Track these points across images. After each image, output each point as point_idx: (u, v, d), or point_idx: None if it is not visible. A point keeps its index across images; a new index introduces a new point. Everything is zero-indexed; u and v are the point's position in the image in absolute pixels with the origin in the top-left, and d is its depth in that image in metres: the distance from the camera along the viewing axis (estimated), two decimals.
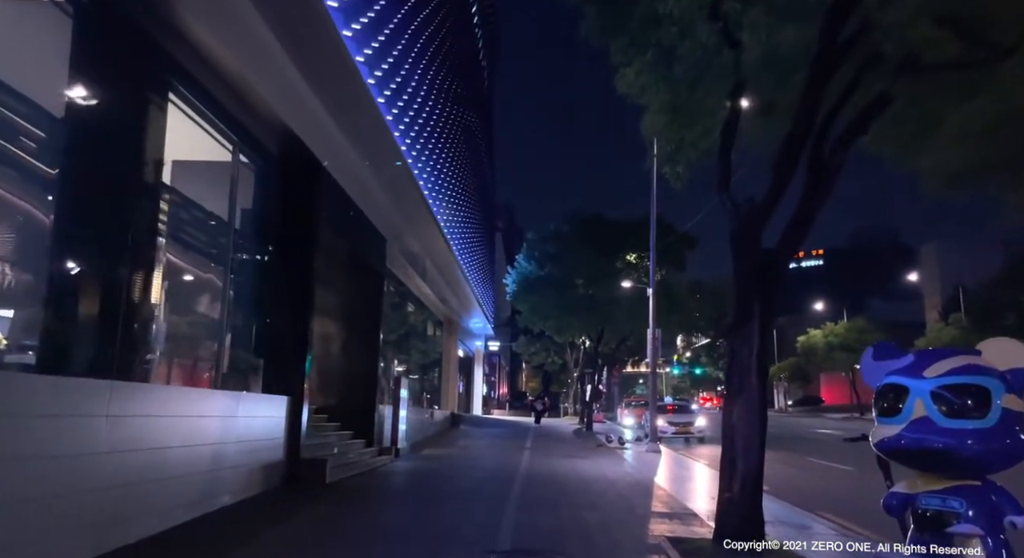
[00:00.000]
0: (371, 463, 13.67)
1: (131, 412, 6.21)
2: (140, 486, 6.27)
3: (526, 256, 31.20)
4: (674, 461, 17.77)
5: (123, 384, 6.34)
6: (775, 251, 7.01)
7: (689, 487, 12.90)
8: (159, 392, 7.07)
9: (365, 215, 14.72)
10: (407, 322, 22.46)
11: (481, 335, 44.78)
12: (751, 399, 6.89)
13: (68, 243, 6.25)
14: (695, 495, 11.28)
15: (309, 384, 15.23)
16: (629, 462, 16.64)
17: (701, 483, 13.48)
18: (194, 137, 8.93)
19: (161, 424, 6.72)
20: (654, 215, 20.22)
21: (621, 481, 12.56)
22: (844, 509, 9.55)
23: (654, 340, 20.16)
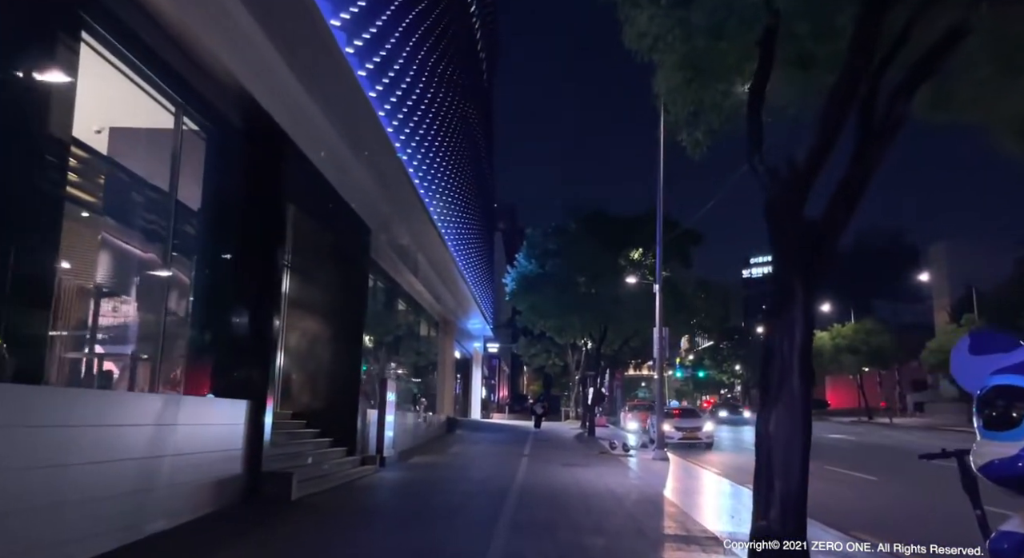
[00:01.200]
0: (350, 474, 12.36)
1: (21, 422, 4.93)
2: (28, 514, 4.98)
3: (526, 254, 29.95)
4: (684, 471, 16.43)
5: (10, 387, 5.05)
6: (821, 223, 5.70)
7: (704, 503, 11.58)
8: (60, 396, 5.76)
9: (345, 200, 13.44)
10: (398, 321, 21.16)
11: (480, 336, 43.47)
12: (792, 405, 5.57)
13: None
14: (712, 513, 9.96)
15: (277, 386, 14.02)
16: (635, 472, 15.32)
17: (717, 497, 12.16)
18: (134, 100, 7.65)
19: (64, 436, 5.42)
20: (660, 197, 18.88)
21: (628, 496, 11.23)
22: (884, 529, 8.23)
23: (661, 339, 18.85)
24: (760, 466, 5.73)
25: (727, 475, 15.22)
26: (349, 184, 13.38)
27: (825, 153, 5.74)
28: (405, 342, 21.72)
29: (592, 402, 30.03)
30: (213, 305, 8.94)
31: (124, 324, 8.04)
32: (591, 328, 28.83)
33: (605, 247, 26.29)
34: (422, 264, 20.54)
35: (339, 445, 13.48)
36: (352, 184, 13.48)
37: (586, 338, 34.36)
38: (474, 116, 31.62)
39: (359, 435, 13.96)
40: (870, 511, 10.79)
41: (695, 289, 25.69)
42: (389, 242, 17.05)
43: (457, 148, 25.79)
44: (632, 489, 12.18)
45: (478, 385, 44.60)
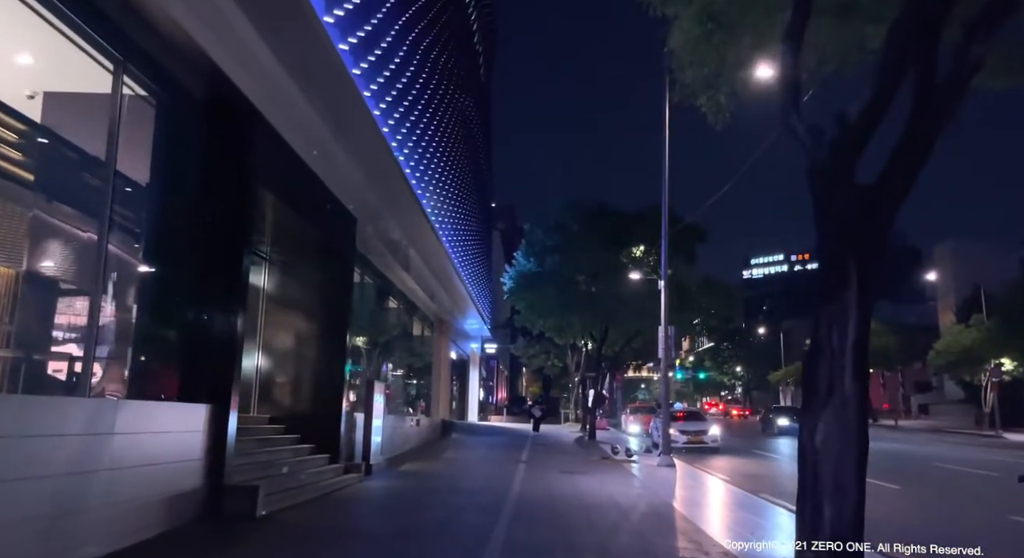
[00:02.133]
0: (331, 484, 11.32)
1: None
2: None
3: (525, 253, 28.95)
4: (692, 478, 15.41)
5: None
6: (877, 189, 4.69)
7: (718, 516, 10.54)
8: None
9: (327, 187, 12.41)
10: (389, 319, 20.14)
11: (477, 337, 42.40)
12: (844, 412, 4.56)
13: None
14: (729, 528, 8.92)
15: (255, 388, 13.01)
16: (640, 480, 14.29)
17: (732, 509, 11.12)
18: (71, 61, 6.63)
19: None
20: (666, 185, 17.86)
21: (634, 508, 10.20)
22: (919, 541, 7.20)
23: (666, 338, 17.83)
24: (805, 486, 4.71)
25: (738, 483, 14.21)
26: (332, 170, 12.35)
27: (885, 104, 4.72)
28: (397, 342, 20.69)
29: (593, 404, 28.99)
30: (167, 296, 7.91)
31: (58, 316, 7.00)
32: (592, 328, 27.81)
33: (607, 244, 25.28)
34: (414, 260, 19.52)
35: (321, 452, 12.46)
36: (335, 170, 12.46)
37: (586, 339, 33.35)
38: (470, 109, 30.62)
39: (343, 441, 12.93)
40: (901, 522, 9.77)
41: (700, 287, 24.68)
42: (378, 235, 16.02)
43: (452, 140, 24.78)
44: (638, 500, 11.15)
45: (475, 387, 43.51)
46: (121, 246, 7.11)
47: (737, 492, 12.76)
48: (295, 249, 13.37)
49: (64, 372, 6.66)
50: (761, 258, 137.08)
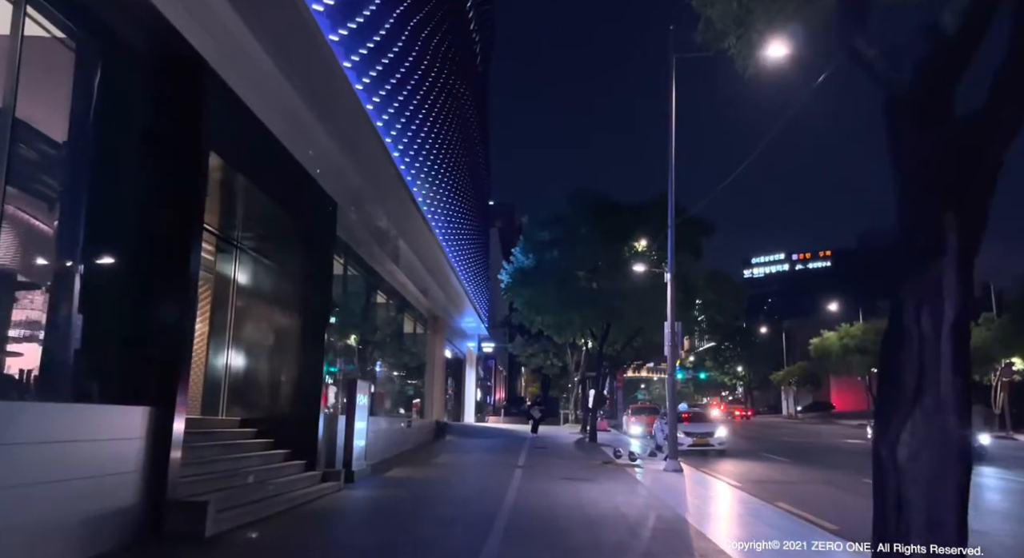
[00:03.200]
0: (305, 494, 10.14)
1: None
2: None
3: (523, 249, 27.80)
4: (703, 485, 14.27)
5: None
6: (986, 120, 3.54)
7: (739, 531, 9.37)
8: None
9: (302, 166, 11.25)
10: (377, 315, 18.97)
11: (474, 336, 41.23)
12: (941, 416, 3.41)
13: None
14: (753, 549, 7.76)
15: (223, 389, 11.83)
16: (647, 488, 13.13)
17: (752, 523, 9.94)
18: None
19: None
20: (672, 168, 16.66)
21: (644, 522, 9.05)
22: None
23: (673, 334, 16.67)
24: (885, 513, 3.56)
25: (751, 490, 13.07)
26: (308, 147, 11.21)
27: (988, 16, 3.58)
28: (386, 339, 19.53)
29: (594, 405, 27.82)
30: (97, 278, 6.74)
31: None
32: (592, 325, 26.66)
33: (608, 237, 24.14)
34: (405, 252, 18.35)
35: (296, 458, 11.31)
36: (312, 148, 11.31)
37: (587, 337, 32.21)
38: (467, 99, 29.45)
39: (321, 446, 11.76)
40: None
41: (707, 281, 23.55)
42: (363, 223, 14.87)
43: (446, 127, 23.61)
44: (647, 512, 9.99)
45: (472, 387, 42.30)
46: (27, 210, 5.93)
47: (753, 502, 11.61)
48: (269, 236, 12.21)
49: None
50: (762, 257, 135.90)
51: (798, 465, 19.55)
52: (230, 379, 11.76)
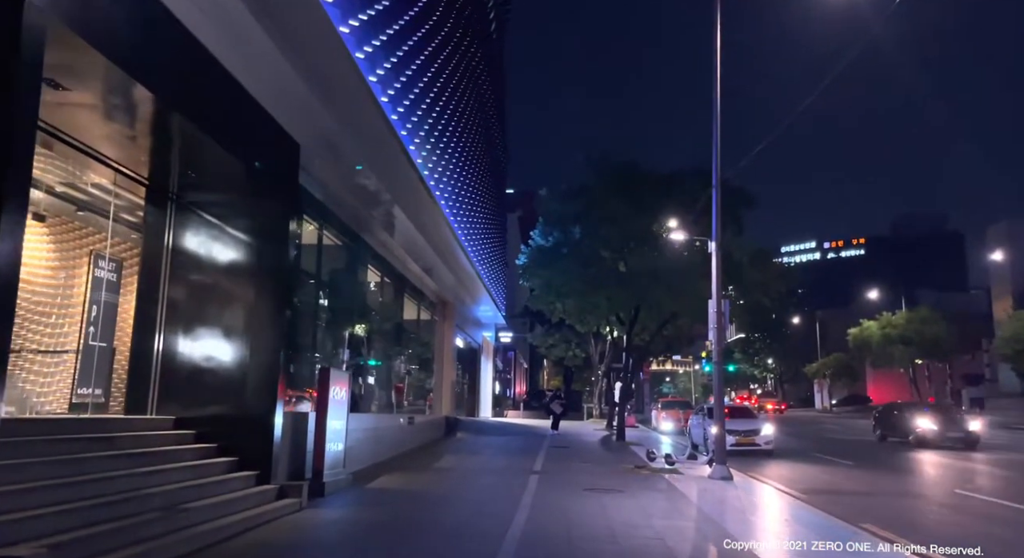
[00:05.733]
0: (242, 520, 7.56)
1: None
2: None
3: (541, 230, 25.10)
4: (763, 500, 11.51)
5: None
6: None
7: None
8: None
9: (250, 95, 8.67)
10: (366, 294, 16.37)
11: (490, 325, 38.62)
12: None
13: None
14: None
15: (153, 381, 9.36)
16: (695, 503, 10.40)
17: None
18: None
19: None
20: (717, 122, 13.82)
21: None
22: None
23: (719, 314, 13.89)
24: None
25: (823, 505, 10.31)
26: (254, 67, 8.62)
27: None
28: (381, 323, 16.96)
29: (621, 399, 25.03)
30: None
31: None
32: (621, 309, 23.84)
33: (638, 210, 21.33)
34: (402, 221, 15.74)
35: (245, 468, 8.81)
36: (261, 68, 8.72)
37: (612, 325, 29.44)
38: (478, 59, 26.74)
39: (279, 452, 9.21)
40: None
41: (752, 259, 20.65)
42: (341, 178, 12.28)
43: (452, 82, 20.97)
44: (704, 545, 7.30)
45: (488, 380, 39.66)
46: None
47: (837, 527, 8.77)
48: (212, 186, 9.67)
49: None
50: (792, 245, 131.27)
51: (863, 469, 16.65)
52: (162, 368, 9.26)
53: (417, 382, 23.43)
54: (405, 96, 15.05)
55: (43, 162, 8.96)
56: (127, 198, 9.65)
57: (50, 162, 8.85)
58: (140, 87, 7.33)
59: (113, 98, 7.87)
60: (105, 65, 6.59)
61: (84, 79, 7.11)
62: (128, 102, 7.93)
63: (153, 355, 9.25)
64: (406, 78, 15.11)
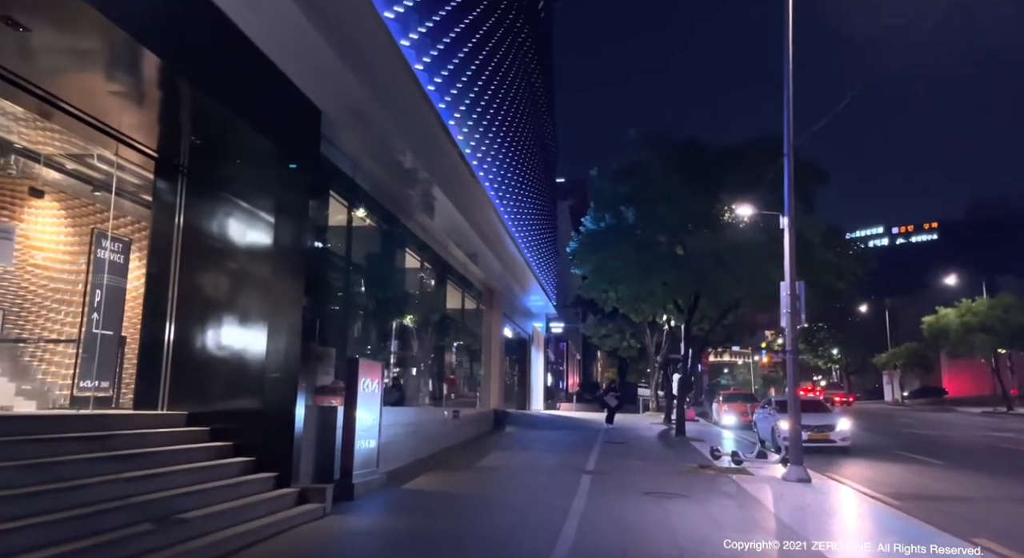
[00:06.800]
0: (254, 530, 6.64)
1: None
2: None
3: (593, 215, 23.77)
4: (851, 508, 10.07)
5: None
6: None
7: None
8: None
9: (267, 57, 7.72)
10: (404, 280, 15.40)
11: (541, 315, 37.44)
12: None
13: None
14: None
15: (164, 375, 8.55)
16: (773, 512, 9.06)
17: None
18: None
19: None
20: (790, 79, 12.26)
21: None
22: None
23: (794, 298, 12.41)
24: None
25: (921, 514, 8.84)
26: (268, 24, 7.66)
27: None
28: (420, 312, 15.98)
29: (680, 391, 23.55)
30: None
31: None
32: (679, 296, 22.31)
33: (697, 188, 19.77)
34: (443, 203, 14.71)
35: (264, 469, 7.93)
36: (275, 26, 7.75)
37: (669, 314, 27.89)
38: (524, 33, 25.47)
39: (299, 450, 8.29)
40: None
41: (825, 240, 18.87)
42: (371, 152, 11.29)
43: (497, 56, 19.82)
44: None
45: (539, 371, 38.51)
46: None
47: (951, 543, 7.33)
48: (226, 157, 8.79)
49: None
50: (859, 231, 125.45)
51: (957, 469, 14.86)
52: (173, 359, 8.44)
53: (466, 374, 22.47)
54: (443, 66, 13.99)
55: (41, 133, 8.23)
56: (133, 171, 8.89)
57: (49, 133, 8.12)
58: (141, 47, 6.54)
59: (112, 59, 7.08)
60: (99, 22, 5.76)
61: (76, 35, 6.32)
62: (130, 64, 7.15)
63: (164, 344, 8.45)
64: (444, 47, 14.04)
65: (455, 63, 14.95)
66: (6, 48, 6.71)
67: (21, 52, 6.72)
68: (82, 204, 10.20)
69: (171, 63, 7.11)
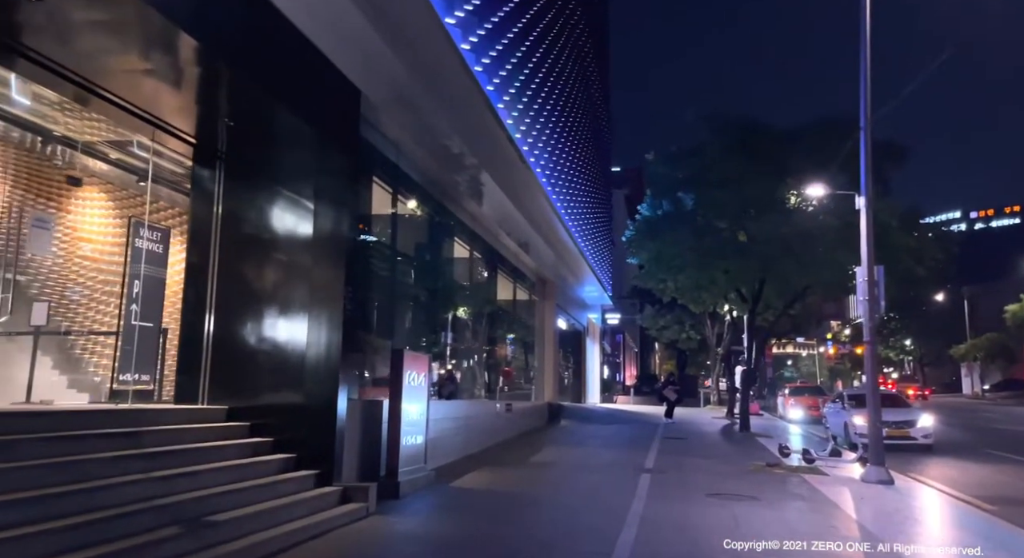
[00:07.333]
0: (290, 532, 6.28)
1: None
2: None
3: (650, 203, 22.92)
4: (945, 515, 9.12)
5: None
6: None
7: None
8: None
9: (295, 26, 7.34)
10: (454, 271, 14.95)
11: (596, 306, 36.64)
12: None
13: None
14: None
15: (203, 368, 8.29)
16: (855, 519, 8.23)
17: None
18: None
19: None
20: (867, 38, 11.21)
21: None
22: None
23: (871, 283, 11.40)
24: None
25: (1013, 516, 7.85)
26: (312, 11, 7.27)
27: None
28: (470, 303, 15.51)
29: (744, 384, 22.49)
30: None
31: None
32: (742, 284, 21.25)
33: (759, 170, 18.70)
34: (492, 191, 14.21)
35: (305, 466, 7.60)
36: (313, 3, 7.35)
37: (731, 304, 26.74)
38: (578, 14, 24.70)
39: (341, 446, 7.93)
40: None
41: (903, 223, 17.57)
42: (418, 140, 10.86)
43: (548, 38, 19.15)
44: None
45: (595, 364, 37.74)
46: None
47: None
48: (264, 142, 8.47)
49: None
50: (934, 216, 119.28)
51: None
52: (212, 352, 8.18)
53: (520, 366, 21.98)
54: (491, 47, 13.44)
55: (78, 120, 8.07)
56: (173, 159, 8.67)
57: (85, 120, 7.95)
58: (178, 30, 6.28)
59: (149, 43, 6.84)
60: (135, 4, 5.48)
61: (112, 18, 6.07)
62: (167, 48, 6.90)
63: (204, 336, 8.20)
64: (492, 26, 13.49)
65: (504, 44, 14.38)
66: (44, 36, 6.55)
67: (58, 38, 6.55)
68: (129, 194, 10.11)
69: (207, 45, 6.84)
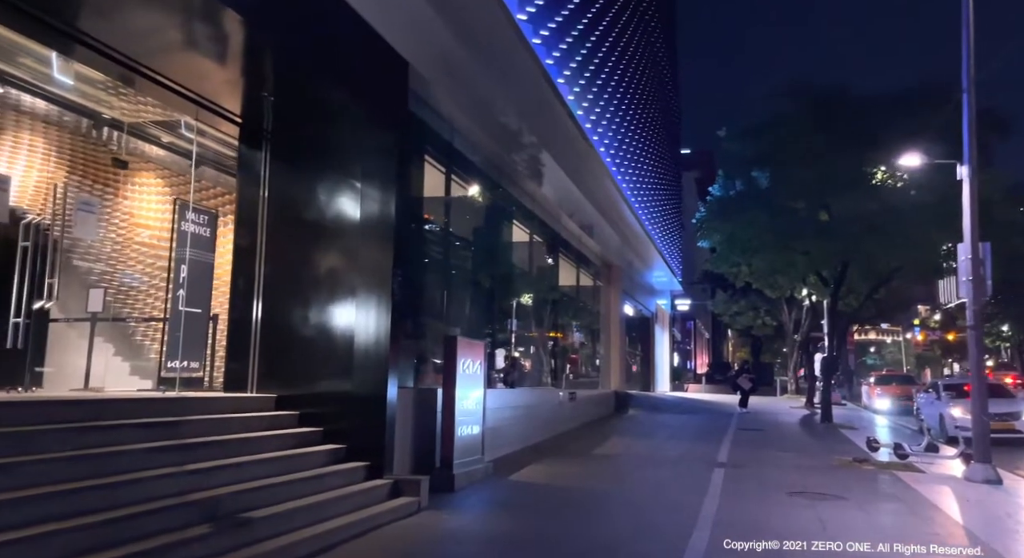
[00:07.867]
0: (336, 528, 5.91)
1: None
2: None
3: (722, 182, 21.80)
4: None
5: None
6: None
7: None
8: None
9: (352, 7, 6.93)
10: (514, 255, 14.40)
11: (665, 292, 35.47)
12: None
13: None
14: None
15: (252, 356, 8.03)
16: (962, 523, 7.31)
17: None
18: None
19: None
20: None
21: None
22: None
23: (976, 261, 10.25)
24: None
25: None
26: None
27: None
28: (532, 288, 14.96)
29: (826, 372, 21.14)
30: None
31: None
32: (823, 267, 19.87)
33: (843, 145, 17.33)
34: (553, 171, 13.57)
35: (355, 457, 7.27)
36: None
37: (810, 288, 25.26)
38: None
39: (392, 438, 7.55)
40: None
41: (1006, 197, 15.96)
42: (472, 117, 10.34)
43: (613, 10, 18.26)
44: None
45: (664, 351, 36.58)
46: None
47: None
48: (310, 120, 8.12)
49: None
50: None
51: None
52: (261, 340, 7.92)
53: (587, 353, 21.34)
54: (550, 18, 12.77)
55: (121, 100, 7.92)
56: (218, 138, 8.46)
57: (129, 99, 7.79)
58: (220, 4, 6.00)
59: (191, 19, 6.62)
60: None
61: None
62: (209, 24, 6.67)
63: (252, 322, 7.96)
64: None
65: (564, 15, 13.68)
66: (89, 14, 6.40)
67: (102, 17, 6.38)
68: (185, 181, 10.02)
69: (250, 19, 6.55)
